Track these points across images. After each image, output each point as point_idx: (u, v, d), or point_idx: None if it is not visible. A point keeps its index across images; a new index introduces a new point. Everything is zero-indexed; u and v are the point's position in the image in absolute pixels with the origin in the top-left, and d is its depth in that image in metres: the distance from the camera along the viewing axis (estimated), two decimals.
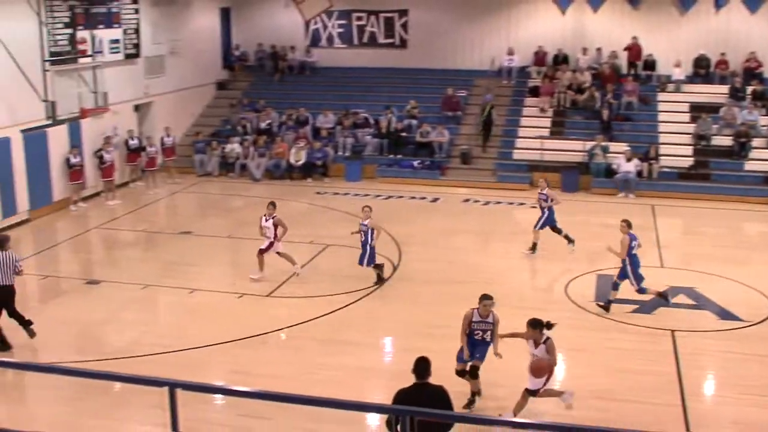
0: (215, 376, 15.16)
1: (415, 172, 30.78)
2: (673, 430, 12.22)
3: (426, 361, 10.82)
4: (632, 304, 18.20)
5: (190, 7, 34.68)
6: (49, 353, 16.03)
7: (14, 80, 23.39)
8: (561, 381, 15.34)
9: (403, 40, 36.59)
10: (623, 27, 33.63)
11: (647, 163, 28.65)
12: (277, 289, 19.48)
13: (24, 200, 25.24)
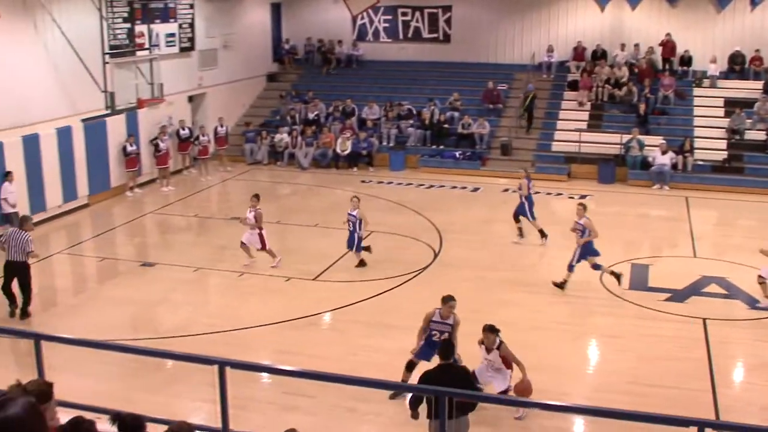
0: (263, 355, 15.26)
1: (457, 162, 30.73)
2: (703, 415, 12.14)
3: (451, 343, 10.99)
4: (666, 293, 18.12)
5: (243, 2, 34.81)
6: (106, 331, 16.19)
7: (76, 72, 23.62)
8: (594, 366, 15.34)
9: (446, 35, 36.50)
10: (660, 24, 33.36)
11: (682, 156, 28.42)
12: (323, 273, 19.57)
13: (84, 186, 25.50)
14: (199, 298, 18.85)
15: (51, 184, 24.05)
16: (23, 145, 22.98)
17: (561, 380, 14.24)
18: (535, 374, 14.26)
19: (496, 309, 17.43)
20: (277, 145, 32.12)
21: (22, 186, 22.78)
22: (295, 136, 32.10)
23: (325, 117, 33.47)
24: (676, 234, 23.02)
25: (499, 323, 16.48)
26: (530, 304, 17.66)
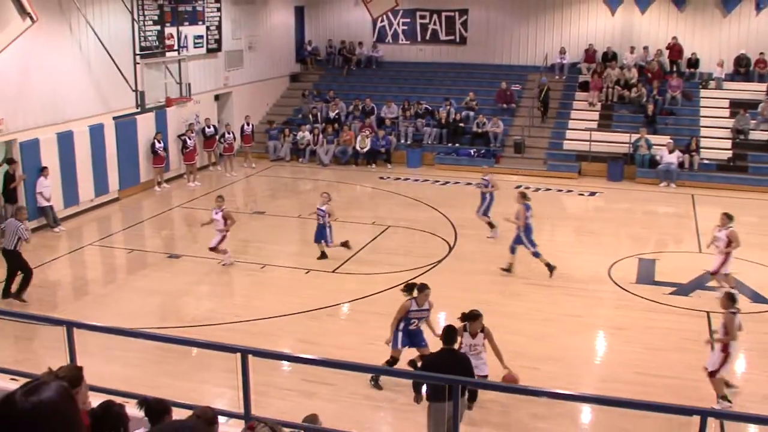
0: (283, 344, 15.32)
1: (472, 160, 30.68)
2: (705, 404, 12.13)
3: (453, 329, 11.14)
4: (671, 287, 18.10)
5: (268, 5, 34.85)
6: (134, 320, 16.28)
7: (108, 72, 23.71)
8: (601, 357, 15.35)
9: (462, 37, 36.42)
10: (669, 27, 33.24)
11: (688, 155, 28.34)
12: (341, 266, 19.61)
13: (114, 181, 25.63)
14: (223, 290, 18.93)
15: (83, 179, 24.19)
16: (58, 142, 23.11)
17: (570, 370, 14.27)
18: (546, 364, 14.35)
19: (508, 301, 17.48)
20: (300, 143, 32.16)
21: (57, 180, 22.93)
22: (317, 133, 32.15)
23: (345, 116, 33.49)
24: (682, 230, 22.95)
25: (511, 315, 16.62)
26: (541, 296, 17.68)
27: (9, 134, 21.73)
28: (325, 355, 11.92)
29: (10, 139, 21.89)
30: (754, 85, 31.47)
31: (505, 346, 14.60)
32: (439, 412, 10.46)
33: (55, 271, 20.06)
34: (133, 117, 25.20)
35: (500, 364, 12.42)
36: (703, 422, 7.84)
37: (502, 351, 12.45)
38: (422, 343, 13.35)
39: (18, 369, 10.96)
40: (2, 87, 21.21)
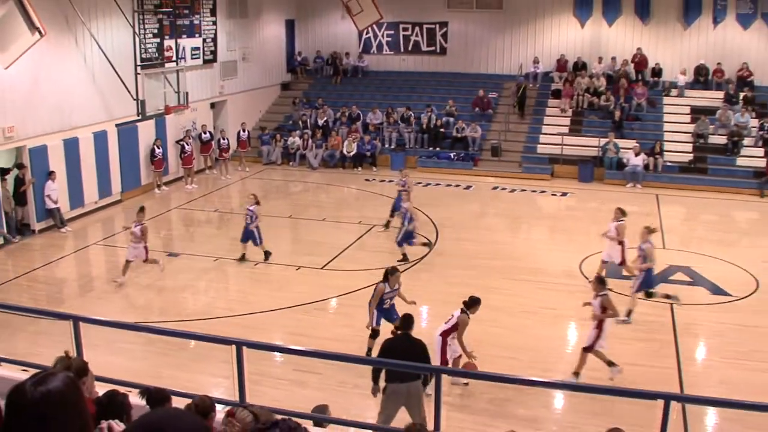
0: (276, 336, 15.32)
1: (452, 162, 30.74)
2: (669, 389, 12.21)
3: (411, 317, 11.33)
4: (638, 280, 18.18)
5: (260, 19, 34.81)
6: (136, 314, 16.29)
7: (111, 82, 23.65)
8: (574, 346, 15.39)
9: (442, 48, 36.44)
10: (634, 39, 33.36)
11: (653, 158, 28.46)
12: (330, 262, 19.62)
13: (117, 183, 25.58)
14: (219, 285, 18.91)
15: (88, 182, 24.14)
16: (64, 148, 23.06)
17: (545, 359, 14.34)
18: (523, 353, 14.39)
19: (487, 295, 17.43)
20: (290, 147, 32.14)
21: (63, 184, 22.89)
22: (306, 139, 32.13)
23: (333, 122, 33.47)
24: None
25: (490, 308, 16.60)
26: (518, 290, 17.73)
27: (19, 141, 21.69)
28: (315, 347, 11.93)
29: (20, 146, 21.86)
30: (712, 93, 31.61)
31: (485, 336, 14.70)
32: (392, 392, 10.69)
33: (62, 269, 20.01)
34: (134, 124, 25.13)
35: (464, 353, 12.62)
36: (666, 405, 7.90)
37: (482, 340, 12.49)
38: (394, 317, 13.75)
39: (28, 360, 10.94)
40: (13, 97, 21.18)
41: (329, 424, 9.48)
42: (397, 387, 10.65)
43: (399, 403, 10.71)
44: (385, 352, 10.78)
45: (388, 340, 11.04)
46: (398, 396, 10.66)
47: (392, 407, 10.74)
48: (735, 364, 14.07)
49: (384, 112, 33.05)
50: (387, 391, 10.77)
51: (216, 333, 13.12)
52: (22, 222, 22.38)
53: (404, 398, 10.67)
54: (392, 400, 10.70)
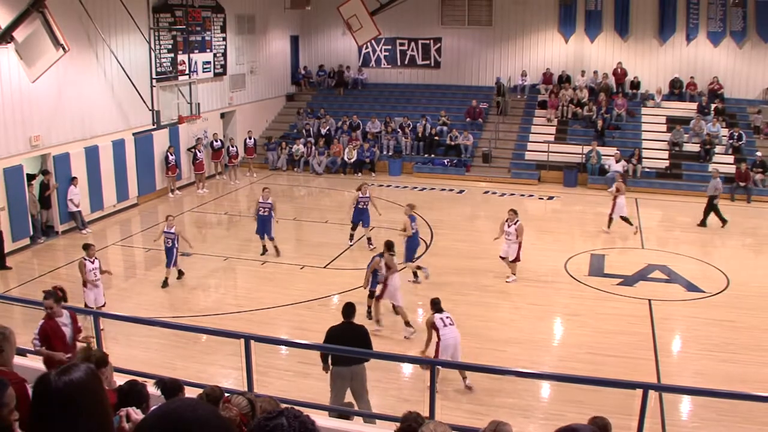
0: (281, 331, 15.35)
1: (445, 168, 30.77)
2: (647, 379, 12.23)
3: (352, 305, 11.63)
4: (618, 278, 18.20)
5: (267, 35, 34.81)
6: (151, 310, 16.30)
7: (129, 94, 23.63)
8: (559, 340, 15.43)
9: (437, 62, 36.49)
10: (614, 54, 33.43)
11: (632, 164, 28.51)
12: (332, 262, 19.62)
13: (134, 188, 25.58)
14: (228, 283, 18.92)
15: (107, 187, 24.16)
16: (85, 155, 23.09)
17: (532, 351, 14.36)
18: (511, 347, 14.43)
19: (479, 292, 17.54)
20: (295, 154, 32.15)
21: (84, 188, 22.92)
22: (310, 146, 32.15)
23: (334, 130, 33.50)
24: (628, 229, 23.04)
25: (482, 305, 16.70)
26: (506, 287, 17.76)
27: (44, 149, 21.72)
28: (318, 341, 11.92)
29: (45, 153, 21.89)
30: (686, 104, 31.71)
31: (476, 330, 14.74)
32: (337, 375, 10.99)
33: None
34: (150, 133, 25.13)
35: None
36: (645, 394, 7.92)
37: (474, 334, 12.48)
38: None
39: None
40: (39, 108, 21.22)
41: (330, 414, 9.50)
42: (341, 370, 10.99)
43: (344, 384, 11.03)
44: (330, 339, 11.02)
45: (332, 328, 11.27)
46: (342, 378, 11.00)
47: (338, 388, 11.05)
48: (708, 355, 14.10)
49: (382, 122, 33.08)
50: (333, 373, 11.08)
51: (226, 328, 13.12)
52: (46, 224, 22.41)
53: (348, 380, 11.00)
54: (337, 382, 11.03)
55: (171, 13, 26.71)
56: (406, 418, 6.31)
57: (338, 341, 10.80)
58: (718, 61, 32.17)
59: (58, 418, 2.73)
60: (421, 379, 11.71)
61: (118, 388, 6.49)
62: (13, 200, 20.36)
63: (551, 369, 13.31)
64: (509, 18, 34.80)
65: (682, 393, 12.27)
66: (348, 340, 10.79)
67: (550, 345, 15.14)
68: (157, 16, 25.86)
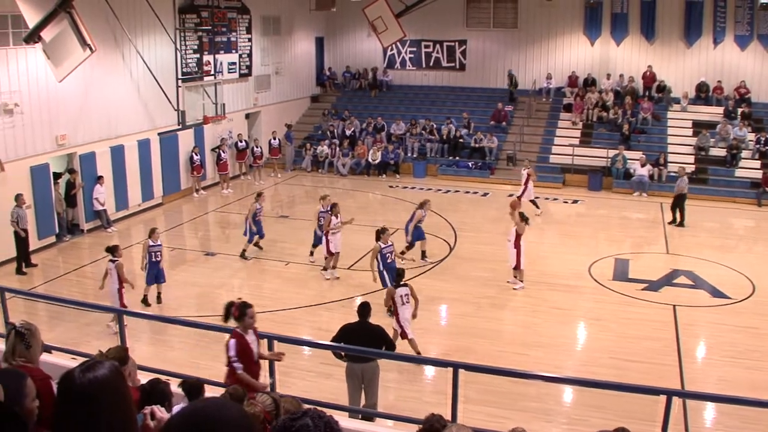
0: (304, 331, 15.38)
1: (470, 171, 30.72)
2: (671, 385, 12.15)
3: (368, 305, 11.69)
4: (643, 283, 18.09)
5: (292, 36, 34.92)
6: (175, 309, 16.38)
7: (154, 94, 23.76)
8: (582, 344, 15.36)
9: (462, 64, 36.46)
10: (640, 57, 33.24)
11: (658, 169, 28.33)
12: (355, 263, 19.63)
13: (159, 188, 25.75)
14: (252, 283, 18.96)
15: (132, 186, 24.34)
16: (111, 154, 23.28)
17: (555, 355, 14.29)
18: (533, 350, 14.37)
19: (502, 295, 17.50)
20: (319, 156, 32.23)
21: (110, 187, 23.11)
22: (334, 147, 32.23)
23: (359, 132, 33.56)
24: (652, 234, 22.93)
25: (504, 307, 16.69)
26: (530, 291, 17.68)
27: (71, 148, 21.92)
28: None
29: (71, 152, 22.09)
30: (713, 109, 31.44)
31: (499, 333, 14.72)
32: (349, 371, 11.17)
33: None
34: (175, 133, 25.26)
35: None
36: (668, 400, 7.87)
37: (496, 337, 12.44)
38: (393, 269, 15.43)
39: (76, 349, 11.04)
40: (66, 108, 21.43)
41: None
42: (353, 366, 11.16)
43: (356, 380, 11.18)
44: (342, 336, 11.09)
45: (346, 326, 11.32)
46: (353, 374, 11.16)
47: (350, 384, 11.24)
48: (733, 362, 13.99)
49: (407, 124, 33.08)
50: (346, 369, 11.26)
51: None
52: (72, 222, 22.59)
53: (359, 378, 11.14)
54: (349, 377, 11.21)
55: (197, 14, 26.86)
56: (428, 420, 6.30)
57: (350, 339, 10.90)
58: (746, 64, 31.92)
59: (82, 415, 2.75)
60: (443, 381, 11.68)
61: (141, 387, 6.53)
62: (39, 198, 20.55)
63: (574, 373, 13.25)
64: (535, 20, 34.71)
65: (706, 400, 12.17)
66: (361, 339, 10.85)
67: (573, 349, 15.08)
68: (183, 16, 26.03)
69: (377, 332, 11.26)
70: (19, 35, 18.86)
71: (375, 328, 11.37)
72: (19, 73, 19.93)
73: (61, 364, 7.53)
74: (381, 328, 11.42)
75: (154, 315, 15.11)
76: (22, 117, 20.05)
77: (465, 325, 15.79)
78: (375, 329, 11.33)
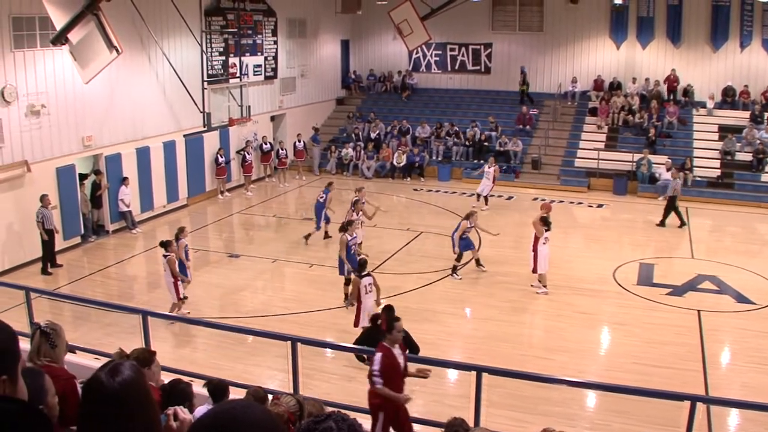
0: (327, 334, 15.37)
1: None
2: (695, 390, 12.06)
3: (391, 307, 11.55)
4: (667, 288, 17.98)
5: (318, 39, 35.02)
6: (199, 310, 16.45)
7: (180, 96, 23.87)
8: (606, 349, 15.29)
9: (487, 67, 36.40)
10: (666, 61, 33.04)
11: (683, 173, 28.11)
12: (379, 266, 19.63)
13: (184, 189, 25.89)
14: (276, 285, 19.03)
15: (157, 188, 24.48)
16: (137, 156, 23.43)
17: (579, 360, 14.24)
18: (557, 355, 14.32)
19: (526, 299, 17.45)
20: (344, 158, 32.30)
21: (135, 189, 23.26)
22: (359, 150, 32.27)
23: (384, 135, 33.58)
24: (677, 238, 22.78)
25: (529, 311, 16.62)
26: (554, 295, 17.60)
27: (96, 149, 22.10)
28: None
29: (97, 153, 22.27)
30: (739, 113, 31.18)
31: (523, 338, 14.70)
32: None
33: (132, 267, 20.32)
34: (200, 135, 25.38)
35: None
36: (692, 406, 7.83)
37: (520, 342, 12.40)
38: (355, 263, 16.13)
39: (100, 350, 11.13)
40: (92, 109, 21.61)
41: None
42: None
43: None
44: (367, 338, 10.97)
45: (370, 329, 11.18)
46: None
47: None
48: (757, 368, 13.88)
49: (433, 127, 33.07)
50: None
51: (272, 329, 13.21)
52: (97, 223, 22.77)
53: None
54: None
55: (223, 17, 27.00)
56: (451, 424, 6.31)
57: (374, 342, 10.77)
58: None
59: (109, 416, 2.78)
60: (466, 385, 11.66)
61: (162, 387, 6.58)
62: (65, 199, 20.73)
63: (597, 378, 13.18)
64: (560, 24, 34.59)
65: (730, 406, 12.05)
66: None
67: (596, 354, 15.02)
68: (209, 19, 26.17)
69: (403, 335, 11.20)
70: (47, 37, 19.07)
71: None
72: (46, 74, 20.12)
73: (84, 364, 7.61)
74: (405, 331, 11.39)
75: (177, 316, 15.18)
76: (49, 118, 20.25)
77: (488, 328, 15.76)
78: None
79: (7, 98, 18.89)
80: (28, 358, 5.18)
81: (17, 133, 19.35)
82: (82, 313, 16.04)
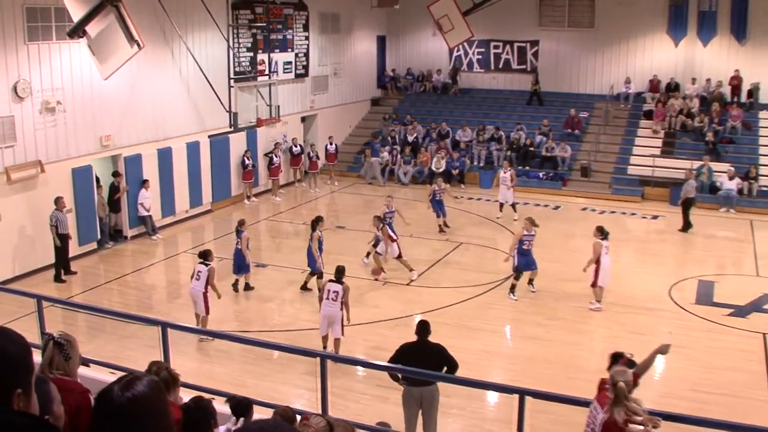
0: (359, 350, 15.34)
1: (541, 182, 30.50)
2: (759, 422, 11.84)
3: (427, 323, 11.55)
4: (729, 308, 17.73)
5: (352, 35, 35.11)
6: (222, 322, 16.47)
7: (205, 94, 24.04)
8: (660, 373, 15.09)
9: (533, 67, 36.24)
10: (729, 60, 32.66)
11: (748, 182, 27.81)
12: (420, 276, 19.57)
13: (208, 193, 26.01)
14: (304, 297, 19.00)
15: (180, 192, 24.63)
16: (158, 157, 23.58)
17: None
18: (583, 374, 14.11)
19: (574, 317, 17.29)
20: (380, 163, 32.27)
21: (156, 192, 23.40)
22: (395, 154, 32.26)
23: (422, 138, 33.54)
24: (741, 254, 22.50)
25: (577, 331, 16.47)
26: (604, 314, 17.44)
27: (115, 149, 22.27)
28: None
29: (115, 154, 22.42)
30: None
31: (570, 359, 14.52)
32: (407, 394, 11.03)
33: (151, 276, 20.43)
34: (226, 135, 25.52)
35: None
36: None
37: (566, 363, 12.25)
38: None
39: (116, 363, 11.16)
40: (110, 107, 21.77)
41: None
42: (411, 390, 11.02)
43: (413, 405, 11.05)
44: (400, 356, 10.97)
45: (405, 345, 11.17)
46: (411, 399, 11.03)
47: (408, 409, 11.12)
48: None
49: (474, 130, 32.98)
50: (404, 393, 11.13)
51: (299, 345, 13.19)
52: (115, 228, 22.91)
53: (417, 402, 11.01)
54: (407, 402, 11.10)
55: (251, 10, 27.15)
56: None
57: (408, 360, 10.72)
58: None
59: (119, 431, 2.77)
60: (508, 409, 11.55)
61: (184, 405, 6.56)
62: (81, 202, 20.89)
63: (651, 405, 12.95)
64: (613, 19, 34.35)
65: None
66: (419, 360, 10.67)
67: (650, 379, 14.76)
68: (236, 12, 26.32)
69: (438, 352, 11.11)
70: (63, 29, 19.20)
71: (435, 347, 11.22)
72: (62, 69, 20.31)
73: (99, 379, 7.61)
74: (442, 347, 11.29)
75: (198, 329, 15.21)
76: (65, 116, 20.43)
77: (533, 348, 15.63)
78: (435, 348, 11.18)
79: (20, 94, 19.06)
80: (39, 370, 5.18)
81: (30, 131, 19.54)
82: (97, 324, 16.14)
